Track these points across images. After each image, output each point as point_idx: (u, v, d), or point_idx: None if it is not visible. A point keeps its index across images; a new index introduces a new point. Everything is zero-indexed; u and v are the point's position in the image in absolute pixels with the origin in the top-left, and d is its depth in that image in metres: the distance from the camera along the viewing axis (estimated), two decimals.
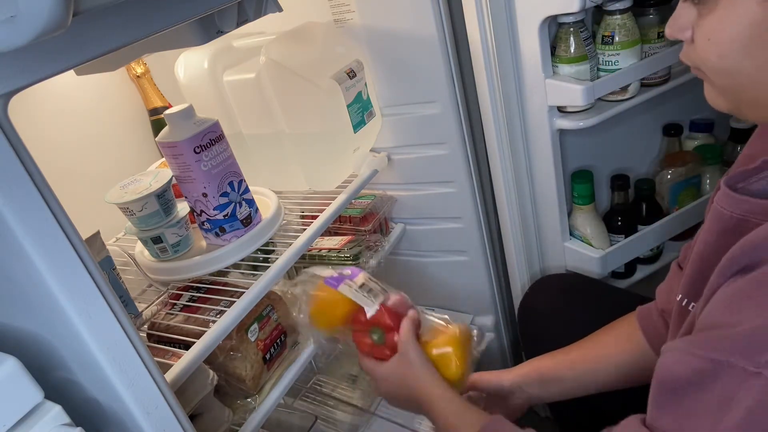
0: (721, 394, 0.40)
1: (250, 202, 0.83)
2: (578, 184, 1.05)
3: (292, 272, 1.16)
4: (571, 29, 0.88)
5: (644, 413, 0.48)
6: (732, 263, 0.45)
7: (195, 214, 0.81)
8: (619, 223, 1.08)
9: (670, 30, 0.51)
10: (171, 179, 0.79)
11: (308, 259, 1.09)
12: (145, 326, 0.79)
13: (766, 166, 0.51)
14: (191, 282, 0.85)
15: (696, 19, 0.48)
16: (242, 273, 0.87)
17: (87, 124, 1.02)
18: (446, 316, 0.80)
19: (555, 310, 0.96)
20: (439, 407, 0.69)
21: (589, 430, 0.84)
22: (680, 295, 0.59)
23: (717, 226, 0.53)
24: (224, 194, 0.79)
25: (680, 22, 0.49)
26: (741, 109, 0.50)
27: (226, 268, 0.83)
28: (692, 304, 0.57)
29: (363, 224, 1.11)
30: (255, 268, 0.88)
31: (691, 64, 0.51)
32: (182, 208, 0.82)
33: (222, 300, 0.79)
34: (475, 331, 0.79)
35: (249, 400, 0.83)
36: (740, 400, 0.39)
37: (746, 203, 0.50)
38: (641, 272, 1.15)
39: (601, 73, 0.91)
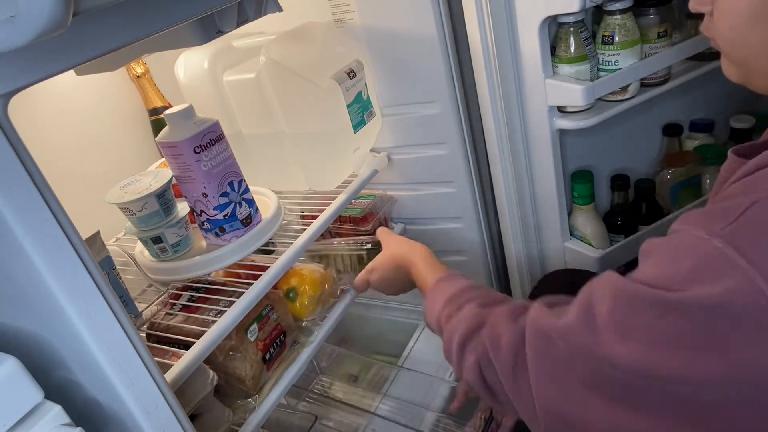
0: (671, 251, 0.46)
1: (250, 202, 0.83)
2: (578, 184, 1.05)
3: None
4: (571, 29, 0.88)
5: None
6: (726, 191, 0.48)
7: (195, 214, 0.81)
8: (619, 223, 1.08)
9: (693, 3, 0.53)
10: (171, 179, 0.79)
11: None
12: (145, 326, 0.79)
13: None
14: (191, 282, 0.85)
15: None
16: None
17: (87, 124, 1.02)
18: None
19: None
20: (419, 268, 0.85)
21: None
22: None
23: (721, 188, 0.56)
24: (224, 194, 0.79)
25: (703, 5, 0.52)
26: (751, 79, 0.53)
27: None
28: None
29: (363, 224, 1.11)
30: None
31: (709, 36, 0.54)
32: (182, 208, 0.82)
33: (222, 300, 0.79)
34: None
35: (249, 400, 0.83)
36: (684, 259, 0.44)
37: (741, 163, 0.52)
38: None
39: (601, 73, 0.91)
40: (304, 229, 0.92)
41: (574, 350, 0.49)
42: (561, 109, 0.94)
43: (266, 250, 0.92)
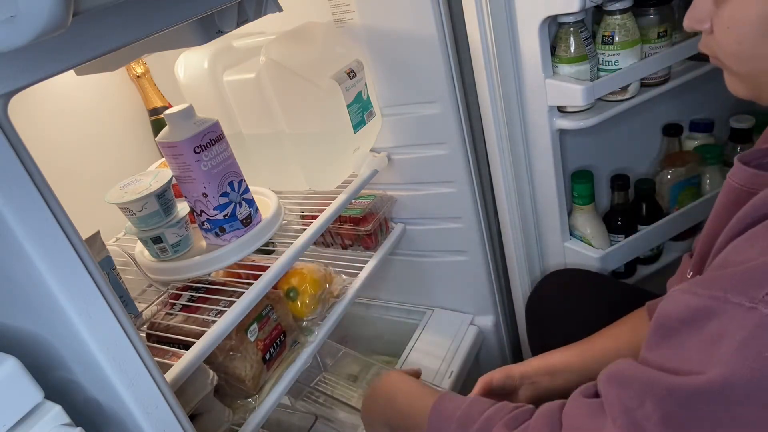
0: (715, 330, 0.40)
1: (250, 202, 0.83)
2: (578, 184, 1.05)
3: None
4: (571, 29, 0.88)
5: None
6: (742, 220, 0.45)
7: (195, 214, 0.81)
8: (619, 223, 1.08)
9: (689, 21, 0.51)
10: (171, 179, 0.79)
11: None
12: (145, 326, 0.79)
13: None
14: (191, 282, 0.85)
15: (713, 8, 0.49)
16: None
17: (87, 124, 1.02)
18: None
19: (563, 305, 0.96)
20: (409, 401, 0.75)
21: None
22: (690, 273, 0.59)
23: (728, 199, 0.53)
24: (224, 194, 0.79)
25: (698, 13, 0.50)
26: (762, 94, 0.51)
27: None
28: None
29: (363, 224, 1.11)
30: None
31: (710, 53, 0.52)
32: (182, 208, 0.82)
33: (222, 300, 0.79)
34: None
35: (249, 400, 0.83)
36: (733, 334, 0.38)
37: (757, 176, 0.50)
38: (641, 272, 1.15)
39: (601, 73, 0.91)
40: (304, 229, 0.92)
41: None
42: (561, 109, 0.94)
43: (266, 250, 0.91)
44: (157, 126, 1.05)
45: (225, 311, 0.76)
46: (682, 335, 0.42)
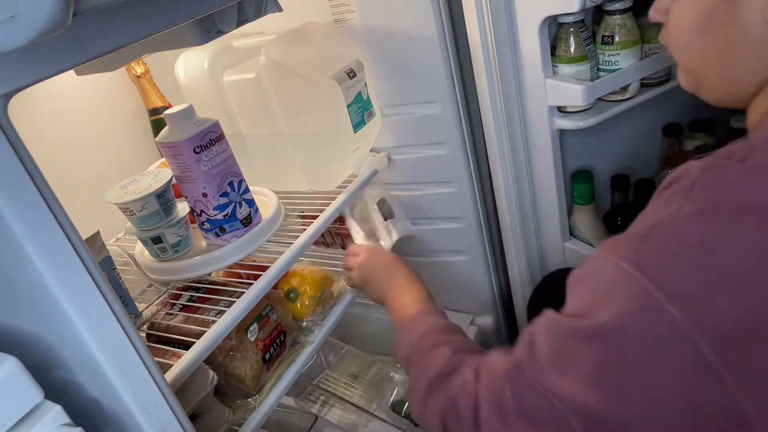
0: (594, 283, 0.47)
1: (250, 202, 0.83)
2: (578, 184, 1.05)
3: None
4: (571, 29, 0.88)
5: None
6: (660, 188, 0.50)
7: (195, 214, 0.81)
8: (619, 223, 1.08)
9: (652, 12, 0.55)
10: (171, 179, 0.79)
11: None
12: (145, 326, 0.79)
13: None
14: (191, 282, 0.85)
15: (670, 2, 0.52)
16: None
17: (87, 124, 1.02)
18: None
19: (564, 304, 0.96)
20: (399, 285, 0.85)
21: None
22: None
23: None
24: (224, 194, 0.79)
25: (659, 5, 0.54)
26: (702, 89, 0.54)
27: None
28: None
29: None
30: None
31: (664, 45, 0.56)
32: (182, 208, 0.82)
33: (222, 300, 0.79)
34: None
35: (249, 400, 0.83)
36: (602, 283, 0.45)
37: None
38: None
39: (601, 73, 0.91)
40: (304, 229, 0.91)
41: (522, 388, 0.49)
42: (561, 109, 0.94)
43: (266, 250, 0.91)
44: (157, 126, 1.05)
45: (225, 311, 0.76)
46: (577, 287, 0.50)
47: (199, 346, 0.70)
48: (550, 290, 1.05)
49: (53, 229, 0.43)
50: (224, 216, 0.80)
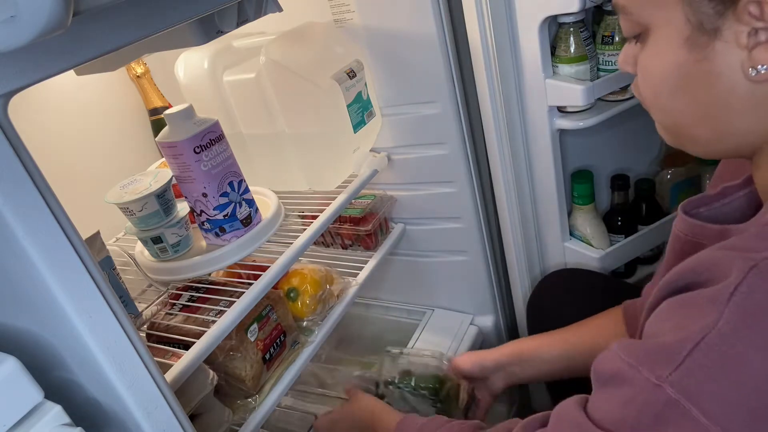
0: (627, 394, 0.43)
1: (250, 202, 0.83)
2: (578, 184, 1.05)
3: None
4: (571, 29, 0.88)
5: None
6: (670, 283, 0.45)
7: (195, 214, 0.81)
8: (619, 223, 1.08)
9: (619, 62, 0.52)
10: (171, 179, 0.79)
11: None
12: (145, 326, 0.79)
13: (726, 192, 0.53)
14: (191, 282, 0.85)
15: (638, 52, 0.48)
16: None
17: (87, 124, 1.02)
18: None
19: (563, 305, 0.97)
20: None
21: None
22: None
23: (676, 247, 0.55)
24: (224, 194, 0.79)
25: (626, 55, 0.50)
26: (683, 144, 0.50)
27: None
28: None
29: (363, 224, 1.11)
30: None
31: (637, 97, 0.51)
32: (182, 208, 0.82)
33: (222, 300, 0.79)
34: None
35: (249, 400, 0.83)
36: (639, 404, 0.41)
37: (699, 227, 0.51)
38: (641, 272, 1.15)
39: (601, 73, 0.91)
40: (304, 229, 0.91)
41: None
42: (561, 109, 0.94)
43: (266, 250, 0.92)
44: (157, 126, 1.05)
45: (225, 311, 0.76)
46: (608, 389, 0.45)
47: (199, 346, 0.70)
48: (549, 291, 1.05)
49: (53, 229, 0.43)
50: (224, 216, 0.80)
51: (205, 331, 0.73)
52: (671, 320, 0.42)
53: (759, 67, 0.40)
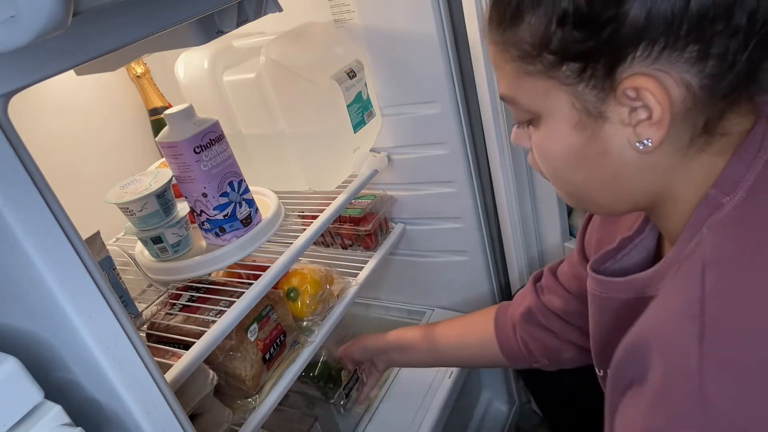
0: None
1: (250, 202, 0.83)
2: None
3: None
4: None
5: None
6: (621, 370, 0.47)
7: (195, 214, 0.81)
8: None
9: (513, 139, 0.54)
10: (171, 179, 0.79)
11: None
12: (145, 326, 0.79)
13: (623, 245, 0.57)
14: (191, 282, 0.85)
15: (532, 130, 0.51)
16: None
17: (87, 124, 1.02)
18: None
19: None
20: None
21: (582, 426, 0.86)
22: (600, 371, 0.63)
23: (597, 307, 0.59)
24: (224, 194, 0.79)
25: (519, 133, 0.53)
26: (586, 206, 0.54)
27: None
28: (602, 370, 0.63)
29: (363, 224, 1.11)
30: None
31: (535, 169, 0.54)
32: (182, 208, 0.82)
33: (222, 300, 0.79)
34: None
35: (249, 400, 0.83)
36: None
37: (608, 283, 0.56)
38: None
39: None
40: (304, 229, 0.91)
41: None
42: None
43: (266, 250, 0.92)
44: (157, 126, 1.05)
45: (225, 311, 0.76)
46: None
47: (199, 346, 0.70)
48: None
49: (53, 229, 0.43)
50: (224, 216, 0.80)
51: (205, 331, 0.73)
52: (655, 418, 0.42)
53: (645, 140, 0.44)
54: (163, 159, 0.87)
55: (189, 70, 0.96)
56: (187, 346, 0.71)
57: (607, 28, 0.40)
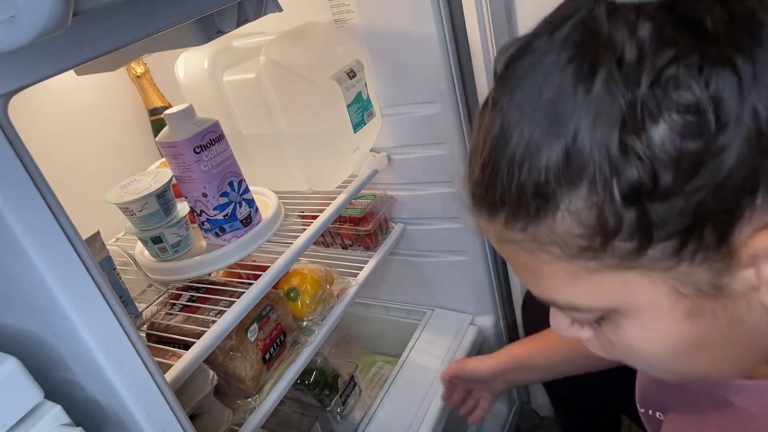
0: None
1: (250, 202, 0.83)
2: None
3: None
4: None
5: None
6: None
7: (195, 214, 0.81)
8: None
9: (559, 329, 0.43)
10: (171, 179, 0.79)
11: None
12: (145, 326, 0.79)
13: None
14: (191, 282, 0.85)
15: (597, 325, 0.39)
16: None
17: (87, 124, 1.02)
18: None
19: None
20: None
21: (590, 426, 0.85)
22: (642, 408, 0.57)
23: None
24: (224, 194, 0.79)
25: (573, 330, 0.42)
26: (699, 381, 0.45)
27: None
28: (657, 413, 0.55)
29: (363, 224, 1.11)
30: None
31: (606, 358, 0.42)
32: (182, 208, 0.82)
33: (222, 300, 0.79)
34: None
35: (249, 400, 0.83)
36: None
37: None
38: None
39: None
40: (304, 229, 0.91)
41: None
42: None
43: (266, 250, 0.92)
44: (157, 126, 1.05)
45: (225, 311, 0.76)
46: None
47: (199, 346, 0.70)
48: None
49: (53, 229, 0.43)
50: (224, 216, 0.80)
51: (205, 331, 0.73)
52: None
53: None
54: (163, 159, 0.87)
55: (189, 70, 0.96)
56: (187, 346, 0.71)
57: (704, 184, 0.29)
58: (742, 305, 0.34)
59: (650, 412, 0.55)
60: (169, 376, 0.65)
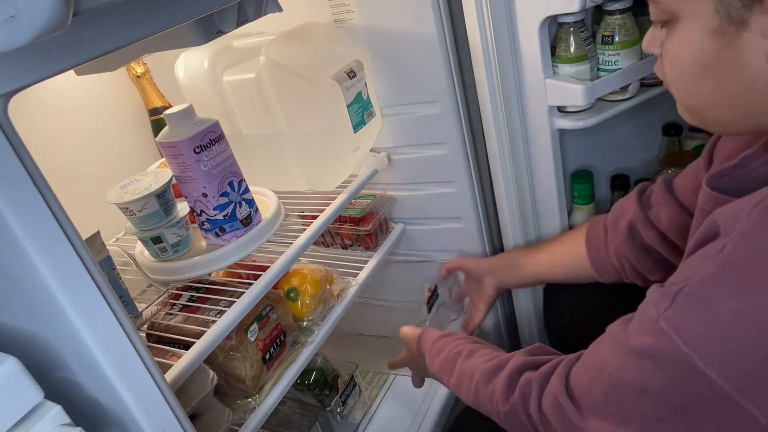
0: (642, 321, 0.50)
1: (250, 202, 0.83)
2: (578, 184, 1.05)
3: None
4: (571, 29, 0.88)
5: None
6: (694, 242, 0.49)
7: (195, 214, 0.81)
8: None
9: (645, 44, 0.54)
10: (171, 179, 0.79)
11: None
12: (145, 326, 0.79)
13: (746, 162, 0.54)
14: (191, 282, 0.85)
15: (665, 35, 0.50)
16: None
17: (87, 124, 1.02)
18: None
19: (580, 299, 0.98)
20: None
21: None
22: None
23: (699, 220, 0.58)
24: (224, 194, 0.79)
25: (652, 37, 0.53)
26: (707, 125, 0.53)
27: None
28: None
29: (363, 224, 1.11)
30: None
31: (661, 78, 0.54)
32: (182, 208, 0.82)
33: (222, 300, 0.79)
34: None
35: (249, 400, 0.83)
36: (647, 329, 0.48)
37: (721, 200, 0.53)
38: None
39: (601, 73, 0.91)
40: (304, 229, 0.91)
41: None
42: (561, 109, 0.94)
43: (266, 250, 0.92)
44: (157, 126, 1.05)
45: (225, 311, 0.76)
46: (638, 314, 0.51)
47: (199, 346, 0.70)
48: (548, 290, 1.05)
49: (53, 229, 0.43)
50: (224, 216, 0.80)
51: (205, 331, 0.73)
52: (681, 269, 0.48)
53: None
54: (163, 159, 0.87)
55: (189, 70, 0.96)
56: (187, 346, 0.71)
57: None
58: (752, 46, 0.43)
59: None
60: (169, 376, 0.65)
